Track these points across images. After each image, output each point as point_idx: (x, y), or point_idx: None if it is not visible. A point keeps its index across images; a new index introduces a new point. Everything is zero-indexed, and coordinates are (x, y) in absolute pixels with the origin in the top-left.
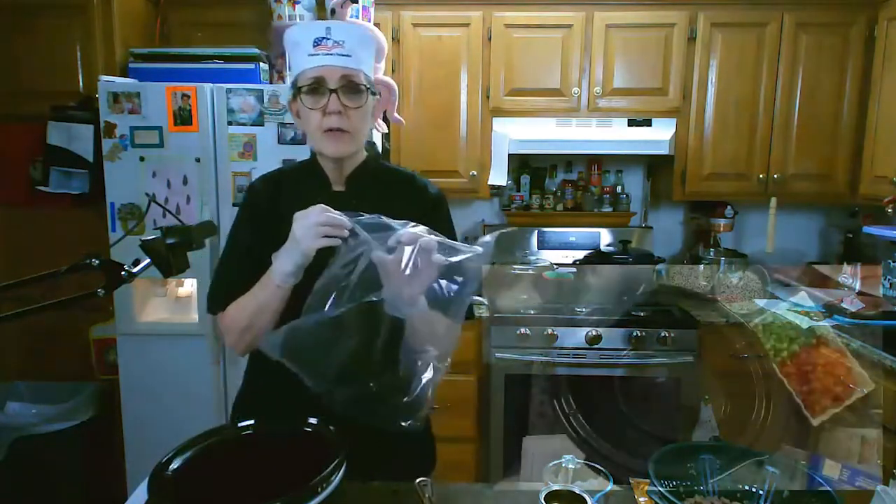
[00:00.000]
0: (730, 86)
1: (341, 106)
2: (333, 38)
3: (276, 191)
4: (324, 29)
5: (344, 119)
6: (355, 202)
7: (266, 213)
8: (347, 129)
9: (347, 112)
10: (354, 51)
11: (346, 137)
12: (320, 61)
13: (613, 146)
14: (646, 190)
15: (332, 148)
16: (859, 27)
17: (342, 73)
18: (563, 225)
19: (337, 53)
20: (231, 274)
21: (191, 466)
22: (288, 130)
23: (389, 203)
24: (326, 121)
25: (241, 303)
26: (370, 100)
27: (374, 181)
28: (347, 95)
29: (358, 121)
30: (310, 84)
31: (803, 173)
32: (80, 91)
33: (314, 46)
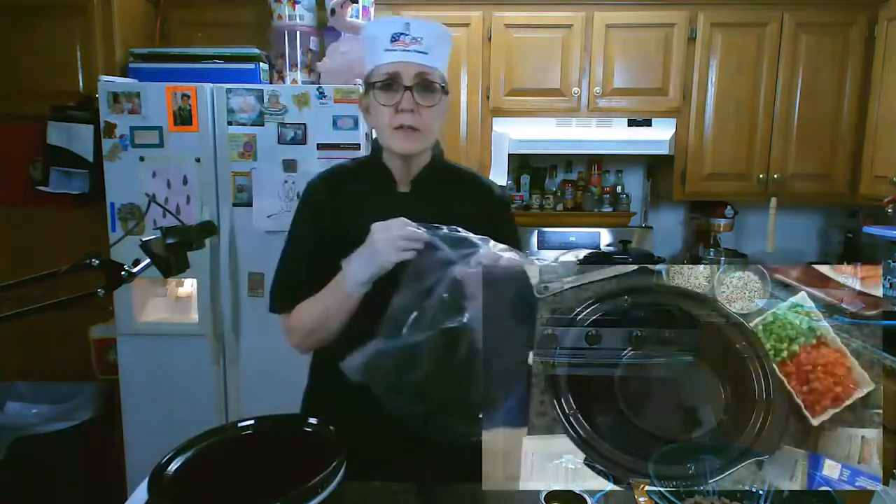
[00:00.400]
0: (730, 86)
1: (414, 104)
2: (412, 34)
3: (338, 189)
4: (403, 25)
5: (416, 117)
6: (420, 203)
7: (328, 212)
8: (419, 126)
9: (420, 110)
10: (432, 48)
11: (416, 135)
12: (397, 57)
13: (613, 146)
14: (646, 190)
15: (401, 145)
16: (859, 27)
17: (418, 70)
18: (563, 225)
19: (414, 50)
20: (295, 274)
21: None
22: (288, 130)
23: (453, 204)
24: (398, 118)
25: (308, 306)
26: (444, 99)
27: (438, 182)
28: (421, 93)
29: (430, 119)
30: (384, 80)
31: (803, 173)
32: (80, 91)
33: (391, 42)
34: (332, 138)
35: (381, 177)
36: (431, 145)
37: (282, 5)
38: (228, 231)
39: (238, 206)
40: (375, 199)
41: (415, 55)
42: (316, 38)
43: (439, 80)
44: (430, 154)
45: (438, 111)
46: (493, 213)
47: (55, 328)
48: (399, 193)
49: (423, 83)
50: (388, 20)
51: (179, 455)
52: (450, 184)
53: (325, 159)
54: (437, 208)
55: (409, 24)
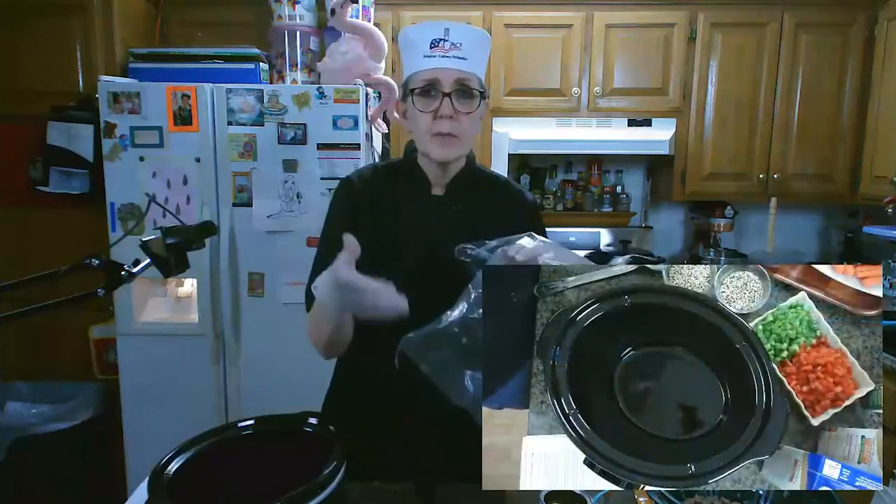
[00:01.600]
0: (730, 86)
1: (453, 110)
2: (451, 39)
3: (373, 187)
4: (442, 30)
5: (455, 123)
6: (453, 206)
7: (362, 210)
8: (457, 133)
9: (458, 116)
10: (471, 54)
11: (454, 142)
12: (436, 63)
13: (613, 146)
14: (646, 190)
15: (439, 152)
16: (859, 27)
17: (457, 77)
18: (563, 225)
19: (454, 56)
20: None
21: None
22: (288, 130)
23: (486, 208)
24: (437, 125)
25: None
26: (482, 104)
27: (471, 186)
28: (460, 100)
29: (468, 126)
30: (423, 86)
31: (803, 173)
32: (80, 91)
33: (431, 48)
34: (332, 138)
35: (415, 179)
36: (468, 151)
37: (282, 5)
38: (228, 231)
39: (238, 206)
40: (410, 200)
41: (454, 61)
42: (316, 38)
43: (478, 86)
44: (465, 159)
45: (476, 117)
46: (525, 220)
47: (55, 328)
48: (433, 196)
49: (462, 89)
50: (426, 25)
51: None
52: (483, 189)
53: (325, 159)
54: (470, 212)
55: (449, 28)
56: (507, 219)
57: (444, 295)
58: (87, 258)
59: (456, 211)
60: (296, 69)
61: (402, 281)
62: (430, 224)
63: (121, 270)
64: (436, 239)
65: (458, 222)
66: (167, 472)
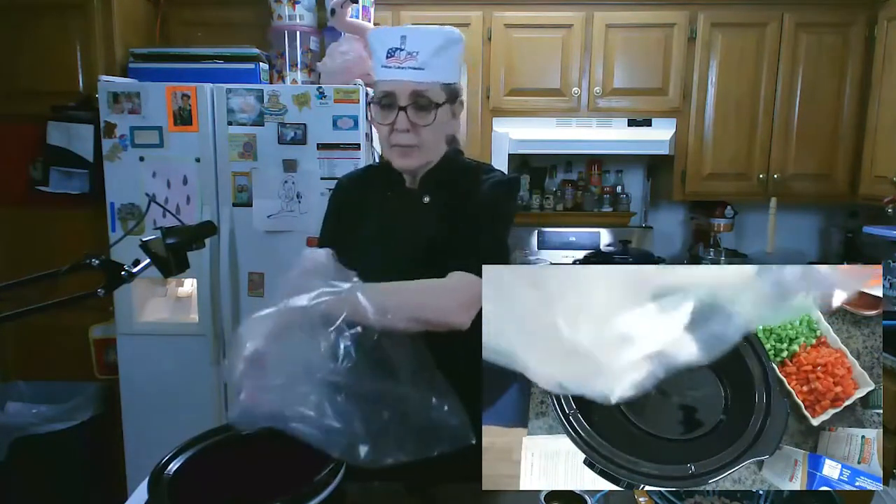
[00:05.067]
0: (730, 86)
1: (409, 124)
2: (407, 48)
3: (359, 186)
4: (398, 38)
5: (412, 136)
6: (424, 199)
7: (349, 208)
8: (416, 143)
9: (416, 129)
10: (430, 61)
11: (414, 152)
12: (391, 75)
13: (613, 146)
14: (646, 190)
15: (399, 162)
16: (859, 27)
17: (413, 89)
18: (563, 225)
19: (409, 67)
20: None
21: (191, 466)
22: (288, 130)
23: (458, 197)
24: (394, 137)
25: None
26: (442, 111)
27: (446, 177)
28: (417, 112)
29: (428, 136)
30: (380, 98)
31: (803, 173)
32: (80, 91)
33: (387, 58)
34: (332, 138)
35: (393, 176)
36: (436, 158)
37: (282, 5)
38: (228, 231)
39: (238, 206)
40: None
41: (409, 72)
42: (316, 38)
43: (436, 97)
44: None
45: (437, 126)
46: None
47: (55, 328)
48: (406, 189)
49: (418, 102)
50: (385, 32)
51: (179, 455)
52: (458, 178)
53: (324, 159)
54: (441, 202)
55: (406, 36)
56: (477, 201)
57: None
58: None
59: (426, 203)
60: (296, 69)
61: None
62: (400, 217)
63: (121, 270)
64: (405, 231)
65: (428, 214)
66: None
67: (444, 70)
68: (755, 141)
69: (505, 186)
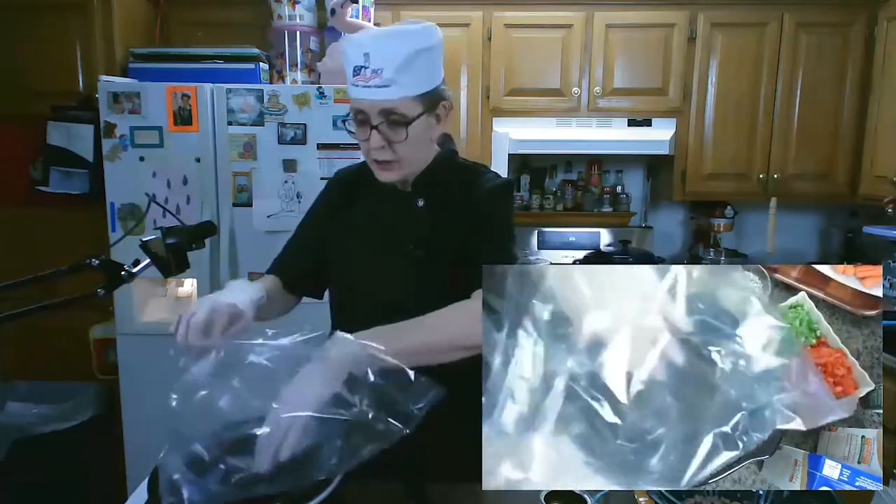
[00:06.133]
0: (730, 86)
1: (383, 141)
2: (371, 66)
3: (354, 186)
4: (362, 56)
5: (388, 152)
6: (418, 202)
7: (342, 203)
8: (394, 158)
9: (392, 145)
10: (396, 78)
11: (394, 166)
12: (359, 94)
13: (613, 146)
14: (646, 190)
15: (381, 175)
16: (859, 27)
17: (381, 108)
18: (563, 225)
19: (375, 85)
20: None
21: None
22: (288, 130)
23: (452, 201)
24: (371, 153)
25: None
26: (420, 122)
27: (441, 180)
28: (390, 128)
29: (405, 151)
30: (354, 115)
31: (803, 173)
32: (80, 91)
33: (354, 75)
34: (332, 138)
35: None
36: (419, 168)
37: (282, 5)
38: (228, 231)
39: (238, 206)
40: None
41: (375, 91)
42: (316, 38)
43: (410, 111)
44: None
45: (414, 140)
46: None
47: (55, 328)
48: (399, 191)
49: (389, 120)
50: (350, 46)
51: None
52: (452, 181)
53: (324, 159)
54: (434, 206)
55: (369, 54)
56: (472, 207)
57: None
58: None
59: (419, 207)
60: (296, 69)
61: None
62: (392, 220)
63: (121, 270)
64: (397, 235)
65: (420, 217)
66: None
67: (416, 82)
68: (755, 141)
69: (505, 193)
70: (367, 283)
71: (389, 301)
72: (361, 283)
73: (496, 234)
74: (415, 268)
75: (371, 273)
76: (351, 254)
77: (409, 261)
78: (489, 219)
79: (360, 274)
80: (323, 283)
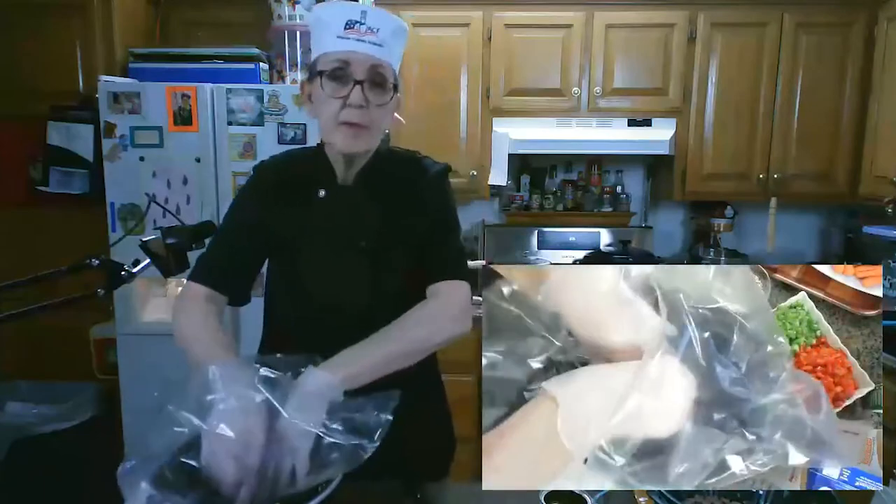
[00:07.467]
0: (730, 86)
1: (364, 99)
2: (368, 23)
3: (284, 174)
4: (359, 12)
5: (365, 113)
6: (362, 196)
7: (273, 195)
8: (367, 124)
9: (370, 107)
10: (388, 41)
11: (363, 133)
12: (350, 46)
13: (613, 146)
14: (646, 190)
15: (346, 143)
16: (859, 27)
17: (371, 63)
18: (563, 225)
19: (369, 41)
20: (220, 249)
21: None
22: (288, 130)
23: (395, 194)
24: (345, 113)
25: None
26: (394, 98)
27: (382, 172)
28: (373, 89)
29: (379, 117)
30: (334, 68)
31: (803, 173)
32: (80, 91)
33: (345, 29)
34: None
35: (322, 169)
36: (372, 147)
37: (282, 5)
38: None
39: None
40: (317, 189)
41: (369, 46)
42: None
43: (391, 78)
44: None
45: (388, 109)
46: (429, 194)
47: (55, 328)
48: (340, 186)
49: (376, 78)
50: (342, 4)
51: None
52: (394, 173)
53: None
54: (380, 199)
55: (367, 12)
56: (415, 199)
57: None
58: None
59: (364, 200)
60: (296, 69)
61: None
62: (334, 216)
63: (121, 270)
64: (340, 231)
65: (364, 213)
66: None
67: (397, 57)
68: (755, 141)
69: (443, 180)
70: (317, 283)
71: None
72: (310, 283)
73: (441, 225)
74: (366, 264)
75: (320, 272)
76: (297, 253)
77: (361, 257)
78: (435, 207)
79: (309, 274)
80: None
